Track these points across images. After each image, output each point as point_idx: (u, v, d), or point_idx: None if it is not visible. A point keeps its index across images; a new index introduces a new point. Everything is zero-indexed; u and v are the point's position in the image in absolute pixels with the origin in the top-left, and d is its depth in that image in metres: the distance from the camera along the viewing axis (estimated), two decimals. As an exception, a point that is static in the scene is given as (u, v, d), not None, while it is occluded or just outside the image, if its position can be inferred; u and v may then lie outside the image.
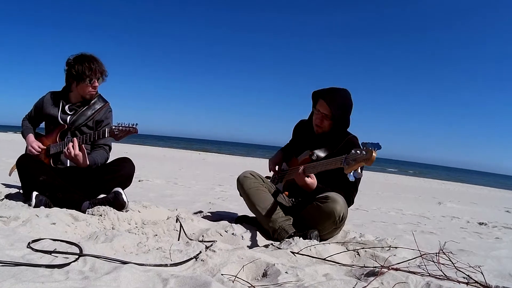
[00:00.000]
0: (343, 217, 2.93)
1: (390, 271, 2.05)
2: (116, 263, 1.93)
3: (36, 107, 3.73)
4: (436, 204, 9.03)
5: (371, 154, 2.42)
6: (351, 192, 3.13)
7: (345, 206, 2.94)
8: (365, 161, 2.45)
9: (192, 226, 3.06)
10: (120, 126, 3.17)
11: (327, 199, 2.91)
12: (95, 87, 3.55)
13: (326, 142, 3.23)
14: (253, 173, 3.30)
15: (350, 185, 3.08)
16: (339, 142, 3.18)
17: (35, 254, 1.96)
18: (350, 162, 2.53)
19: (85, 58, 3.49)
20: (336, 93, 3.17)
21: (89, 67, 3.44)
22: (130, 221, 3.01)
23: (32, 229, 2.43)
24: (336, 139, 3.21)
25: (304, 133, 3.46)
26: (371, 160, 2.42)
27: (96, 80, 3.52)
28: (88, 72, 3.44)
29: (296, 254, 2.44)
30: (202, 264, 2.07)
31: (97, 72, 3.49)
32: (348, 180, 3.00)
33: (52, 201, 3.14)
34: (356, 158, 2.49)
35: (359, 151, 2.49)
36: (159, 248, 2.28)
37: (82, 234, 2.59)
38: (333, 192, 2.96)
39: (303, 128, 3.52)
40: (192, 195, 5.86)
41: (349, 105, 3.20)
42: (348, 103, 3.19)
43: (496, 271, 2.56)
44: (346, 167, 2.55)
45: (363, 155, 2.46)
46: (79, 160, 3.25)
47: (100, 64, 3.54)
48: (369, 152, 2.43)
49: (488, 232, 4.98)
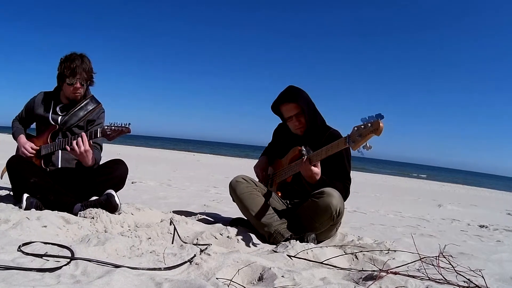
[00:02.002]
0: (340, 212, 2.95)
1: (389, 275, 2.07)
2: (109, 266, 1.93)
3: (27, 107, 3.71)
4: (436, 206, 9.05)
5: (378, 124, 2.38)
6: (347, 183, 3.18)
7: (341, 200, 2.96)
8: (374, 132, 2.40)
9: (186, 229, 3.06)
10: (113, 126, 3.16)
11: (322, 194, 2.93)
12: (77, 88, 3.44)
13: (310, 138, 3.28)
14: (246, 177, 3.30)
15: (345, 176, 3.16)
16: (321, 137, 3.23)
17: (26, 257, 1.96)
18: (356, 138, 2.49)
19: (69, 57, 3.41)
20: (289, 90, 3.33)
21: (68, 66, 3.36)
22: (123, 224, 3.00)
23: (22, 232, 2.43)
24: (318, 134, 3.28)
25: (286, 135, 3.50)
26: (379, 130, 2.37)
27: (78, 82, 3.42)
28: (68, 72, 3.37)
29: (292, 257, 2.45)
30: (197, 267, 2.07)
31: (76, 73, 3.38)
32: (342, 171, 3.06)
33: (43, 203, 3.13)
34: (362, 132, 2.46)
35: (362, 126, 2.46)
36: (153, 252, 2.28)
37: (74, 237, 2.59)
38: (328, 187, 2.98)
39: (284, 131, 3.57)
40: (186, 197, 5.85)
41: (305, 93, 3.32)
42: (302, 91, 3.32)
43: (497, 275, 2.58)
44: (353, 145, 2.52)
45: (368, 127, 2.42)
46: (87, 157, 3.23)
47: (85, 65, 3.43)
48: (374, 123, 2.40)
49: (489, 235, 5.00)
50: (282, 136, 3.56)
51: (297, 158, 3.19)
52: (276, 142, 3.70)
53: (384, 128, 2.38)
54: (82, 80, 3.44)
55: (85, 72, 3.44)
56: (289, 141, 3.44)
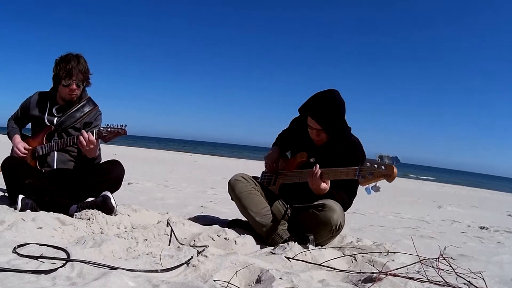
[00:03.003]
0: (339, 226, 2.94)
1: (388, 277, 2.07)
2: (105, 268, 1.93)
3: (23, 107, 3.71)
4: (436, 207, 9.07)
5: (392, 170, 2.34)
6: (352, 197, 3.16)
7: (342, 215, 2.95)
8: (386, 177, 2.37)
9: (183, 231, 3.06)
10: (109, 127, 3.15)
11: (324, 207, 2.91)
12: (73, 90, 3.42)
13: (327, 148, 3.21)
14: (245, 176, 3.30)
15: (352, 190, 3.11)
16: (339, 145, 3.17)
17: (21, 259, 1.96)
18: (367, 176, 2.46)
19: (64, 58, 3.40)
20: (321, 105, 3.08)
21: (64, 68, 3.35)
22: (119, 225, 3.00)
23: (18, 233, 2.43)
24: (336, 143, 3.19)
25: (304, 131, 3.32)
26: (392, 177, 2.34)
27: (74, 84, 3.40)
28: (63, 74, 3.35)
29: (291, 259, 2.45)
30: (194, 269, 2.07)
31: (72, 75, 3.36)
32: (351, 185, 2.99)
33: (39, 204, 3.13)
34: (374, 172, 2.43)
35: (376, 164, 2.42)
36: (149, 253, 2.27)
37: (69, 238, 2.59)
38: (330, 200, 2.96)
39: (303, 125, 3.33)
40: (183, 198, 5.85)
41: (338, 110, 3.10)
42: (336, 109, 3.09)
43: (497, 277, 2.59)
44: (362, 180, 2.50)
45: (382, 169, 2.38)
46: (94, 148, 3.22)
47: (81, 65, 3.41)
48: (389, 167, 2.35)
49: (489, 236, 5.01)
50: (301, 130, 3.39)
51: (303, 164, 3.18)
52: (291, 132, 3.56)
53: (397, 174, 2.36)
54: (78, 81, 3.43)
55: (81, 73, 3.42)
56: (305, 140, 3.33)
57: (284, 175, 3.39)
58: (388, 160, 2.37)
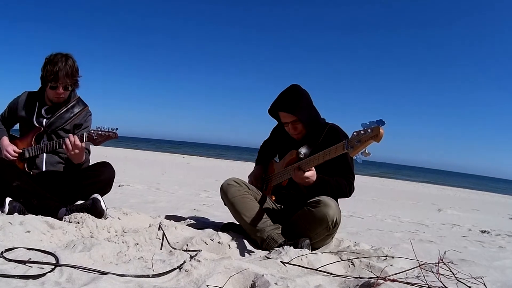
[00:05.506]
0: (336, 222, 2.95)
1: (387, 283, 2.07)
2: (95, 273, 1.93)
3: (10, 108, 3.68)
4: (436, 210, 9.09)
5: (378, 130, 2.36)
6: (351, 179, 3.17)
7: (338, 211, 2.97)
8: (374, 138, 2.38)
9: (175, 234, 3.06)
10: (99, 130, 3.15)
11: (319, 203, 2.93)
12: (59, 94, 3.41)
13: (308, 138, 3.29)
14: (237, 180, 3.31)
15: (347, 171, 3.14)
16: (320, 134, 3.24)
17: (9, 264, 1.96)
18: (355, 144, 2.49)
19: (52, 59, 3.36)
20: (286, 96, 3.27)
21: (51, 70, 3.31)
22: (109, 229, 3.00)
23: (5, 237, 2.43)
24: (316, 132, 3.27)
25: (285, 135, 3.46)
26: (379, 136, 2.36)
27: (61, 87, 3.38)
28: (50, 77, 3.32)
29: (286, 264, 2.45)
30: (186, 274, 2.08)
31: (59, 78, 3.33)
32: (345, 166, 3.03)
33: (27, 207, 3.13)
34: (361, 138, 2.44)
35: (362, 131, 2.45)
36: (141, 258, 2.27)
37: (58, 242, 2.58)
38: (325, 196, 2.98)
39: (282, 130, 3.47)
40: (175, 201, 5.86)
41: (303, 96, 3.27)
42: (301, 96, 3.26)
43: (499, 282, 2.59)
44: (351, 150, 2.52)
45: (368, 133, 2.41)
46: (80, 153, 3.22)
47: (68, 68, 3.36)
48: (375, 129, 2.38)
49: (491, 240, 5.03)
50: (281, 135, 3.54)
51: (294, 162, 3.19)
52: (273, 140, 3.70)
53: (384, 134, 2.38)
54: (66, 85, 3.41)
55: (68, 77, 3.37)
56: (287, 141, 3.42)
57: (274, 178, 3.44)
58: (373, 124, 2.40)
